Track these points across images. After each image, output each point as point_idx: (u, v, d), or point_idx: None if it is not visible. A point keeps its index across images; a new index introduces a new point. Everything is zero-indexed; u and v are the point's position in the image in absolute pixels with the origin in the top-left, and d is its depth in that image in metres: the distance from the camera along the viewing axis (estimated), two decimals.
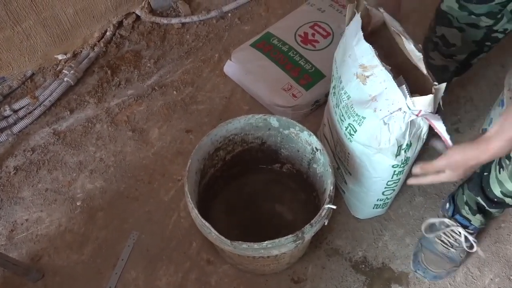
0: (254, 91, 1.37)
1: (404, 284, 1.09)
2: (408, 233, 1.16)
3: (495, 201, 0.95)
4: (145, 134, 1.33)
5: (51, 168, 1.28)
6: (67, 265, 1.12)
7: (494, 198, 0.94)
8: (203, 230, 0.87)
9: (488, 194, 0.95)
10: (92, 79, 1.45)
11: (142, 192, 1.23)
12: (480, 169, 0.97)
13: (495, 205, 0.97)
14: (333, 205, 0.87)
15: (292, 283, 1.09)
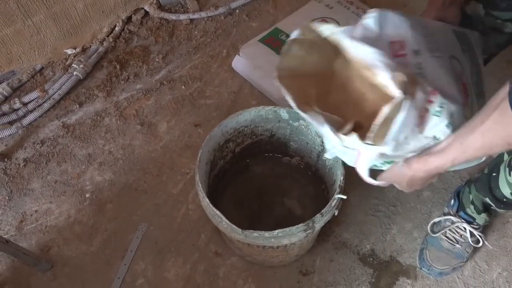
0: (262, 86, 1.37)
1: (412, 278, 1.09)
2: (416, 227, 1.16)
3: (504, 201, 0.95)
4: (153, 128, 1.34)
5: (60, 160, 1.29)
6: (76, 256, 1.12)
7: (503, 198, 0.94)
8: (214, 219, 0.87)
9: (497, 195, 0.95)
10: (101, 73, 1.46)
11: (151, 185, 1.23)
12: (488, 169, 0.97)
13: (504, 206, 0.97)
14: (344, 195, 0.87)
15: (300, 276, 1.09)
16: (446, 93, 0.63)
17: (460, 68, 0.73)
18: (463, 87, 0.71)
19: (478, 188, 1.02)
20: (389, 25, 0.64)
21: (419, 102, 0.59)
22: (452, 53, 0.73)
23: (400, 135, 0.61)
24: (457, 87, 0.66)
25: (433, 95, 0.61)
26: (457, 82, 0.67)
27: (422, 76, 0.62)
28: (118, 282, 1.08)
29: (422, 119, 0.61)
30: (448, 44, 0.74)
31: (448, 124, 0.63)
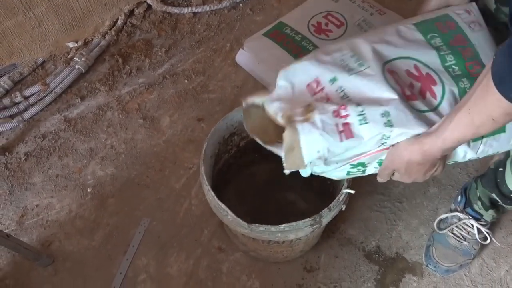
0: (266, 81, 1.36)
1: (418, 275, 1.08)
2: (422, 223, 1.15)
3: (510, 197, 0.94)
4: (156, 122, 1.33)
5: (61, 154, 1.28)
6: (78, 250, 1.12)
7: (510, 194, 0.93)
8: (219, 212, 0.86)
9: (503, 190, 0.94)
10: (103, 67, 1.45)
11: (153, 180, 1.22)
12: (495, 165, 0.96)
13: (511, 202, 0.96)
14: (351, 190, 0.86)
15: (304, 272, 1.08)
16: (370, 100, 0.70)
17: (409, 65, 0.75)
18: (416, 80, 0.75)
19: (484, 184, 1.01)
20: (299, 73, 0.76)
21: (321, 122, 0.69)
22: (398, 55, 0.76)
23: (319, 154, 0.70)
24: (388, 88, 0.71)
25: (343, 109, 0.70)
26: (390, 83, 0.72)
27: (346, 95, 0.71)
28: (120, 278, 1.07)
29: (347, 132, 0.69)
30: (394, 47, 0.77)
31: (385, 124, 0.69)
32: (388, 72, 0.74)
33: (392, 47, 0.77)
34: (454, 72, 0.75)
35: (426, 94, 0.74)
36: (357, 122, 0.69)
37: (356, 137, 0.69)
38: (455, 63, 0.76)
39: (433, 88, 0.74)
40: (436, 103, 0.73)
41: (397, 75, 0.74)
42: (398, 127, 0.68)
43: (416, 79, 0.75)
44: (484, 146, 0.75)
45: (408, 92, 0.73)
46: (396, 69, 0.75)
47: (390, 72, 0.74)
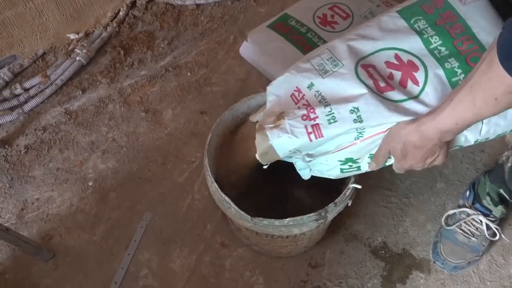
0: (270, 73, 1.34)
1: (425, 271, 1.07)
2: (429, 219, 1.14)
3: None
4: (158, 115, 1.32)
5: (62, 147, 1.26)
6: (79, 245, 1.10)
7: None
8: (222, 205, 0.85)
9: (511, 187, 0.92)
10: (104, 59, 1.44)
11: (155, 173, 1.21)
12: (503, 160, 0.94)
13: None
14: (358, 185, 0.85)
15: (309, 268, 1.07)
16: (342, 98, 0.73)
17: (389, 56, 0.75)
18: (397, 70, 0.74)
19: (492, 179, 1.00)
20: (282, 86, 0.80)
21: (289, 126, 0.75)
22: (377, 48, 0.77)
23: (291, 152, 0.78)
24: (357, 84, 0.73)
25: (312, 112, 0.74)
26: (361, 78, 0.73)
27: (323, 98, 0.75)
28: (121, 273, 1.06)
29: (316, 132, 0.73)
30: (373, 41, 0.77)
31: (355, 120, 0.71)
32: (362, 67, 0.75)
33: (371, 41, 0.77)
34: (440, 54, 0.73)
35: (407, 82, 0.73)
36: (326, 122, 0.73)
37: (326, 136, 0.73)
38: (441, 44, 0.74)
39: (415, 74, 0.72)
40: (418, 90, 0.71)
41: (374, 69, 0.74)
42: (369, 121, 0.70)
43: (396, 69, 0.74)
44: (487, 126, 0.72)
45: (383, 84, 0.73)
46: (372, 63, 0.75)
47: (365, 67, 0.75)
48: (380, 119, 0.70)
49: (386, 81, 0.73)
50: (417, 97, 0.71)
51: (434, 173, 1.20)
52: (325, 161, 0.80)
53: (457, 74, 0.71)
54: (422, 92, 0.71)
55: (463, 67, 0.71)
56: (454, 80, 0.70)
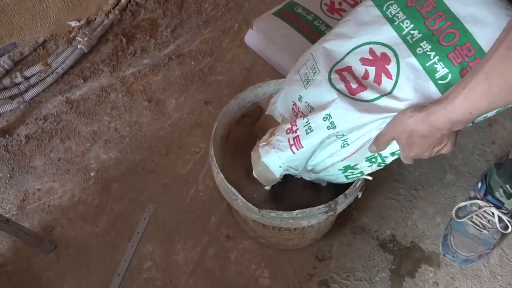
0: (276, 62, 1.32)
1: (434, 265, 1.05)
2: (439, 212, 1.12)
3: None
4: (161, 105, 1.30)
5: (64, 137, 1.25)
6: (81, 237, 1.09)
7: None
8: (229, 196, 0.83)
9: None
10: (106, 47, 1.42)
11: (159, 164, 1.20)
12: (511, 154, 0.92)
13: None
14: (369, 176, 0.83)
15: (316, 261, 1.06)
16: (320, 107, 0.74)
17: (363, 52, 0.73)
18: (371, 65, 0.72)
19: (499, 173, 0.98)
20: (282, 103, 0.85)
21: (276, 142, 0.79)
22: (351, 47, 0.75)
23: (282, 168, 0.81)
24: (329, 91, 0.73)
25: (294, 125, 0.77)
26: (333, 84, 0.74)
27: (312, 108, 0.76)
28: (124, 265, 1.05)
29: (296, 144, 0.76)
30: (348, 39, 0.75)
31: (328, 127, 0.72)
32: (336, 72, 0.74)
33: (346, 40, 0.75)
34: (413, 39, 0.69)
35: (381, 77, 0.70)
36: (304, 133, 0.75)
37: (306, 147, 0.75)
38: (412, 27, 0.70)
39: (388, 67, 0.69)
40: (392, 84, 0.68)
41: (349, 70, 0.73)
42: (341, 125, 0.70)
43: (370, 64, 0.71)
44: None
45: (355, 85, 0.71)
46: (348, 65, 0.73)
47: (339, 72, 0.74)
48: (352, 122, 0.69)
49: (358, 81, 0.71)
50: (390, 93, 0.68)
51: (443, 165, 1.18)
52: (328, 173, 0.82)
53: (431, 57, 0.66)
54: (396, 85, 0.68)
55: (436, 49, 0.66)
56: (429, 64, 0.66)
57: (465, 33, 0.64)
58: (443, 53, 0.65)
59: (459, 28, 0.65)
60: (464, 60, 0.63)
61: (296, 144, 0.76)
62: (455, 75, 0.64)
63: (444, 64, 0.65)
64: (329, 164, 0.79)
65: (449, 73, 0.64)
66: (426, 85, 0.66)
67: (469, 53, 0.63)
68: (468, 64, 0.63)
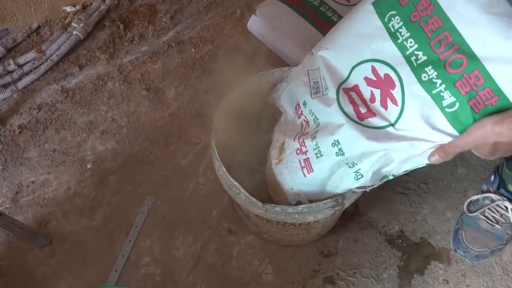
0: (281, 49, 1.30)
1: (445, 262, 1.04)
2: (449, 206, 1.11)
3: None
4: (160, 94, 1.29)
5: (59, 127, 1.24)
6: (77, 231, 1.08)
7: None
8: (231, 190, 0.82)
9: None
10: (103, 33, 1.41)
11: (158, 156, 1.19)
12: None
13: None
14: None
15: (321, 257, 1.04)
16: (327, 128, 0.73)
17: (367, 70, 0.70)
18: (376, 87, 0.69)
19: (509, 166, 0.96)
20: (287, 99, 0.86)
21: (288, 162, 0.81)
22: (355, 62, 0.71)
23: (294, 190, 0.83)
24: (337, 114, 0.72)
25: (303, 145, 0.77)
26: (342, 106, 0.72)
27: (317, 118, 0.76)
28: (122, 260, 1.04)
29: (308, 167, 0.77)
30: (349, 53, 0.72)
31: (337, 153, 0.72)
32: (344, 91, 0.71)
33: (347, 54, 0.72)
34: (418, 61, 0.64)
35: (387, 102, 0.67)
36: (314, 157, 0.75)
37: (316, 171, 0.75)
38: (417, 48, 0.64)
39: (392, 92, 0.66)
40: (398, 111, 0.66)
41: (357, 90, 0.70)
42: (350, 152, 0.70)
43: (375, 86, 0.68)
44: None
45: (364, 110, 0.69)
46: (355, 83, 0.70)
47: (346, 92, 0.71)
48: (360, 149, 0.68)
49: (367, 105, 0.69)
50: (397, 121, 0.66)
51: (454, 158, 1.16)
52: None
53: (437, 85, 0.62)
54: (402, 113, 0.65)
55: (442, 76, 0.61)
56: (435, 92, 0.62)
57: (473, 59, 0.59)
58: (449, 81, 0.61)
59: (467, 52, 0.60)
60: (473, 89, 0.60)
61: (307, 167, 0.77)
62: (463, 104, 0.60)
63: (451, 93, 0.61)
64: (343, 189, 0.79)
65: (457, 101, 0.61)
66: (433, 113, 0.63)
67: (478, 82, 0.59)
68: (477, 93, 0.59)
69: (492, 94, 0.58)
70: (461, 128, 0.62)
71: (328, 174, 0.76)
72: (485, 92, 0.59)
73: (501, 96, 0.58)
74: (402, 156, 0.68)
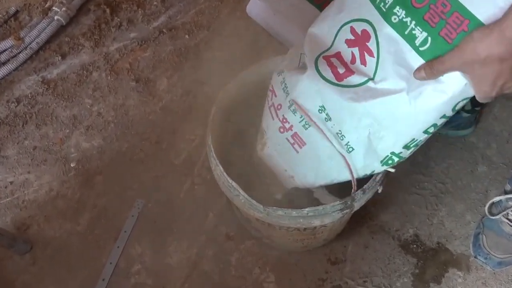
0: (283, 35, 1.31)
1: (464, 269, 1.05)
2: (469, 208, 1.11)
3: None
4: (151, 85, 1.30)
5: (39, 122, 1.25)
6: (60, 236, 1.09)
7: None
8: (229, 192, 0.82)
9: None
10: (87, 18, 1.42)
11: (148, 154, 1.20)
12: None
13: None
14: (391, 168, 0.81)
15: (328, 264, 1.05)
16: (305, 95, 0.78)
17: (346, 32, 0.73)
18: (354, 45, 0.73)
19: None
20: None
21: (274, 145, 0.85)
22: (335, 29, 0.75)
23: (287, 173, 0.88)
24: (316, 81, 0.75)
25: (285, 122, 0.80)
26: (321, 72, 0.75)
27: (286, 86, 0.80)
28: (110, 268, 1.05)
29: (298, 141, 0.80)
30: (331, 21, 0.76)
31: (326, 118, 0.76)
32: (324, 59, 0.75)
33: (329, 21, 0.76)
34: (386, 6, 0.68)
35: (365, 57, 0.71)
36: (302, 129, 0.78)
37: (308, 143, 0.78)
38: None
39: (368, 44, 0.70)
40: (374, 63, 0.69)
41: (338, 56, 0.74)
42: (336, 117, 0.74)
43: (354, 45, 0.72)
44: None
45: (342, 70, 0.73)
46: (337, 51, 0.74)
47: (327, 58, 0.75)
48: (343, 112, 0.72)
49: (346, 66, 0.72)
50: (375, 73, 0.69)
51: (475, 155, 1.18)
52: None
53: (407, 24, 0.65)
54: (378, 64, 0.69)
55: (411, 14, 0.65)
56: (407, 32, 0.65)
57: None
58: (418, 16, 0.64)
59: None
60: (441, 18, 0.62)
61: (298, 142, 0.79)
62: (435, 38, 0.63)
63: (422, 28, 0.64)
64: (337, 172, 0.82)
65: (428, 36, 0.63)
66: (409, 56, 0.66)
67: (445, 9, 0.62)
68: (447, 21, 0.62)
69: (462, 18, 0.61)
70: None
71: (322, 147, 0.78)
72: (454, 18, 0.61)
73: (470, 19, 0.60)
74: (389, 121, 0.70)
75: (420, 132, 0.70)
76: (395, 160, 0.76)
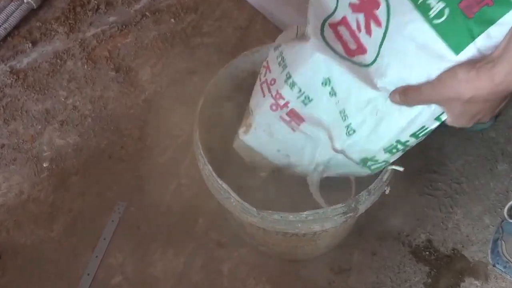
0: (280, 19, 1.32)
1: (481, 278, 1.05)
2: (487, 211, 1.12)
3: None
4: (133, 75, 1.31)
5: (7, 117, 1.26)
6: (31, 244, 1.10)
7: None
8: (219, 194, 0.83)
9: None
10: (61, 1, 1.44)
11: (130, 151, 1.20)
12: None
13: None
14: (399, 167, 0.82)
15: (331, 274, 1.06)
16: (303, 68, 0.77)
17: None
18: (359, 11, 0.72)
19: None
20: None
21: (264, 125, 0.84)
22: None
23: (280, 153, 0.88)
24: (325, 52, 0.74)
25: (279, 98, 0.79)
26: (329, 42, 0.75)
27: (284, 60, 0.78)
28: (87, 280, 1.05)
29: (295, 118, 0.80)
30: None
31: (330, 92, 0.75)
32: (331, 27, 0.74)
33: None
34: None
35: (371, 27, 0.69)
36: (301, 105, 0.77)
37: (307, 120, 0.78)
38: None
39: (376, 12, 0.67)
40: (381, 36, 0.67)
41: (345, 23, 0.72)
42: (341, 95, 0.73)
43: (359, 10, 0.70)
44: None
45: (353, 46, 0.71)
46: (342, 16, 0.73)
47: (333, 27, 0.74)
48: (351, 91, 0.72)
49: (357, 41, 0.71)
50: (380, 47, 0.67)
51: (494, 151, 1.18)
52: (342, 169, 0.85)
53: None
54: (384, 38, 0.67)
55: None
56: (420, 1, 0.63)
57: None
58: None
59: None
60: None
61: (295, 119, 0.79)
62: (453, 10, 0.60)
63: None
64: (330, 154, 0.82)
65: (446, 7, 0.61)
66: (421, 28, 0.63)
67: None
68: None
69: None
70: (455, 42, 0.61)
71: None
72: None
73: None
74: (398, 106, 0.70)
75: (432, 119, 0.68)
76: (400, 149, 0.75)
